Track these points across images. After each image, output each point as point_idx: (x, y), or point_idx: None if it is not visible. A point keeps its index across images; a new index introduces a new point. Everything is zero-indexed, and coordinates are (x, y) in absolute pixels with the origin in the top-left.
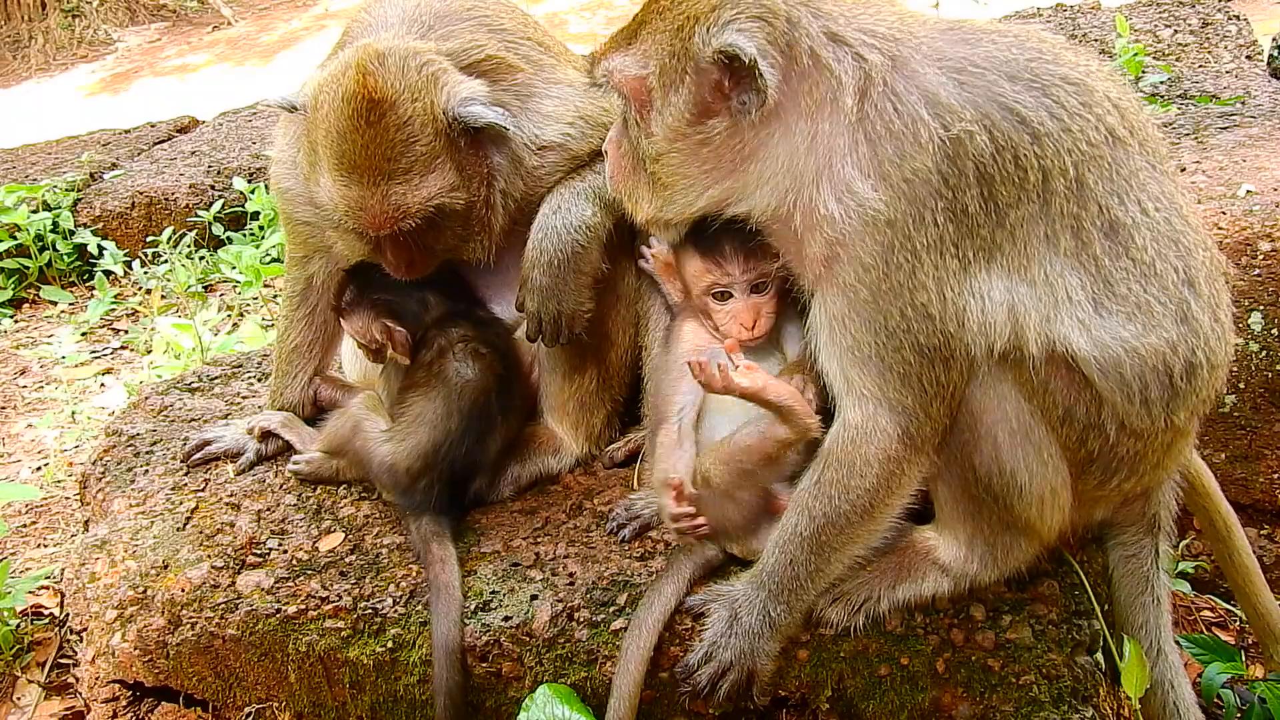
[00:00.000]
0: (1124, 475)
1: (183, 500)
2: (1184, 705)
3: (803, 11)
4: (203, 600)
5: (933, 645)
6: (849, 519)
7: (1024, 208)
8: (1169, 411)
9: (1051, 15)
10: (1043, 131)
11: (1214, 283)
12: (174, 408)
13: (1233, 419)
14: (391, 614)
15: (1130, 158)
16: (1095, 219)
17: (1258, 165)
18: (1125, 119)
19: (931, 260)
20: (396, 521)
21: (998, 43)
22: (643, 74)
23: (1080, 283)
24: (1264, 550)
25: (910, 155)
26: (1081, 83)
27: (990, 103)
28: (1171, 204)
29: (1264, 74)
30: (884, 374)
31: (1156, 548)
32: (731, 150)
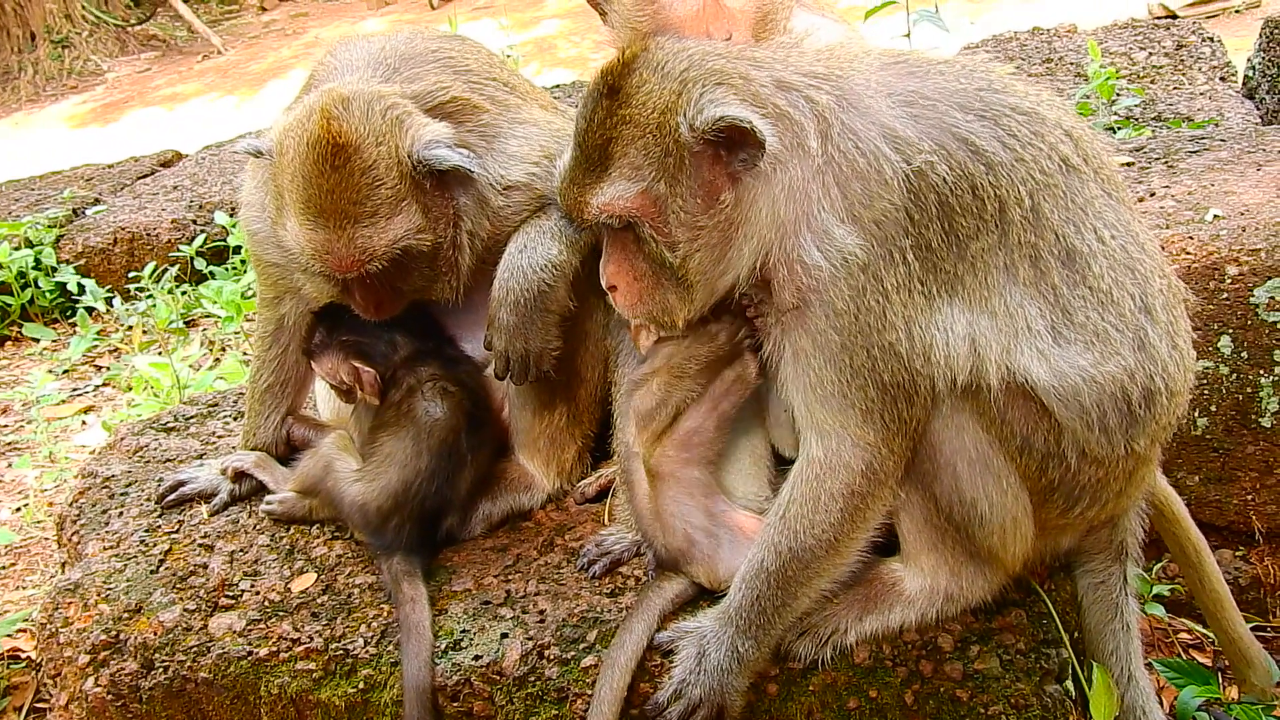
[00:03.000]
0: (1087, 503)
1: (156, 542)
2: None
3: (746, 67)
4: (175, 644)
5: (901, 677)
6: (814, 554)
7: (983, 238)
8: (1129, 439)
9: (1028, 39)
10: (997, 161)
11: (1171, 309)
12: (149, 448)
13: (1204, 442)
14: (363, 654)
15: (1085, 185)
16: (1052, 247)
17: (1226, 189)
18: (1079, 147)
19: (900, 299)
20: (369, 561)
21: (945, 74)
22: (642, 186)
23: (1039, 311)
24: (1239, 572)
25: (878, 194)
26: (1033, 112)
27: (944, 133)
28: (1128, 231)
29: (1237, 96)
30: (848, 411)
31: (1124, 574)
32: (740, 218)
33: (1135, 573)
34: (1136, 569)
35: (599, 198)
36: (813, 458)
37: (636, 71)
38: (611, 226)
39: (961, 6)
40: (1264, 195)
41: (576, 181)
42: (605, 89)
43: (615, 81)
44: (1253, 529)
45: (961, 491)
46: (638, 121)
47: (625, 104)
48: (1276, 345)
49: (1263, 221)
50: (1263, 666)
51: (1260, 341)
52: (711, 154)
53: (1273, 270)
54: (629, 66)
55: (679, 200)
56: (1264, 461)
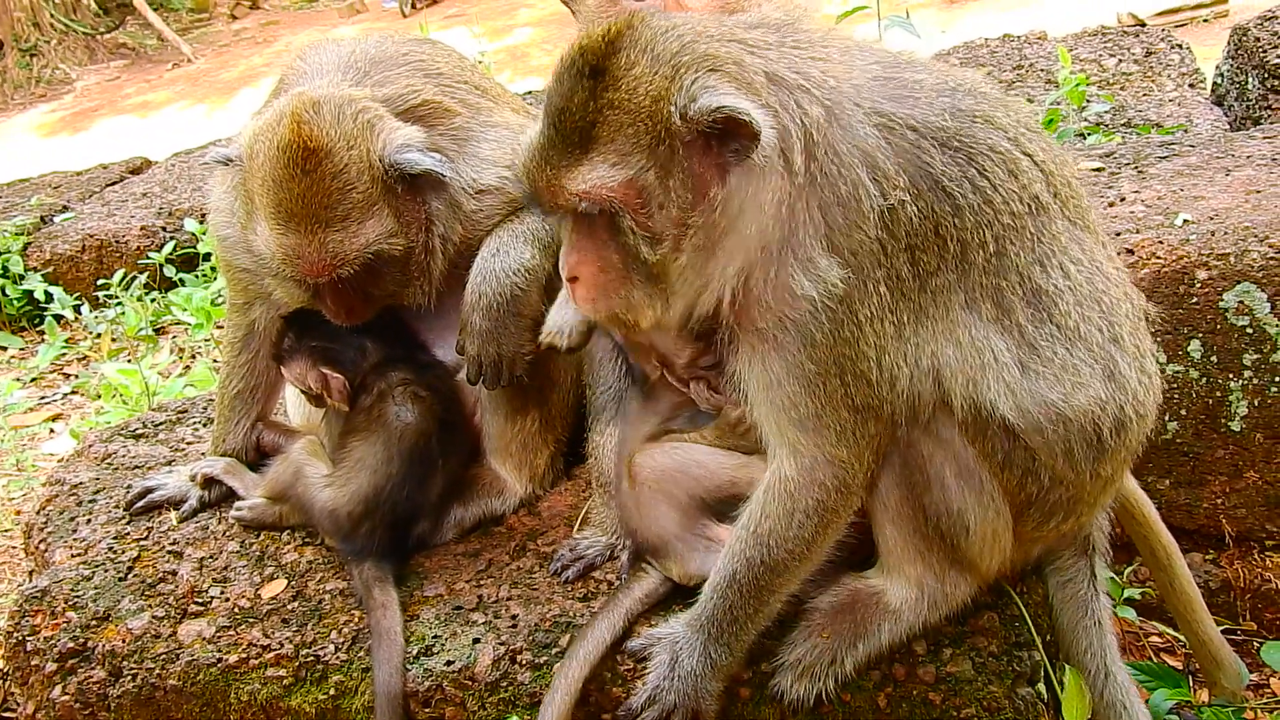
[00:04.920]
0: (1060, 518)
1: (125, 549)
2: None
3: (740, 51)
4: (144, 651)
5: (874, 680)
6: (787, 565)
7: (942, 276)
8: (1094, 466)
9: (998, 46)
10: (964, 205)
11: (1137, 335)
12: (118, 455)
13: (1175, 446)
14: (334, 661)
15: (1052, 222)
16: (1016, 287)
17: (1195, 194)
18: (1050, 181)
19: (873, 329)
20: (340, 567)
21: (933, 104)
22: (629, 174)
23: (1006, 346)
24: (1209, 575)
25: (856, 225)
26: (1007, 153)
27: (919, 171)
28: (1092, 262)
29: (1206, 102)
30: (821, 432)
31: (1093, 569)
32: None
33: (1104, 568)
34: (1105, 563)
35: (578, 183)
36: (786, 475)
37: (623, 51)
38: (584, 213)
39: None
40: (1232, 200)
41: (551, 162)
42: (588, 69)
43: (599, 62)
44: (1223, 532)
45: (949, 503)
46: (626, 107)
47: (612, 87)
48: (1245, 349)
49: (1231, 226)
50: (1232, 669)
51: (1229, 345)
52: (702, 144)
53: (1241, 274)
54: (614, 45)
55: (668, 193)
56: (1233, 465)
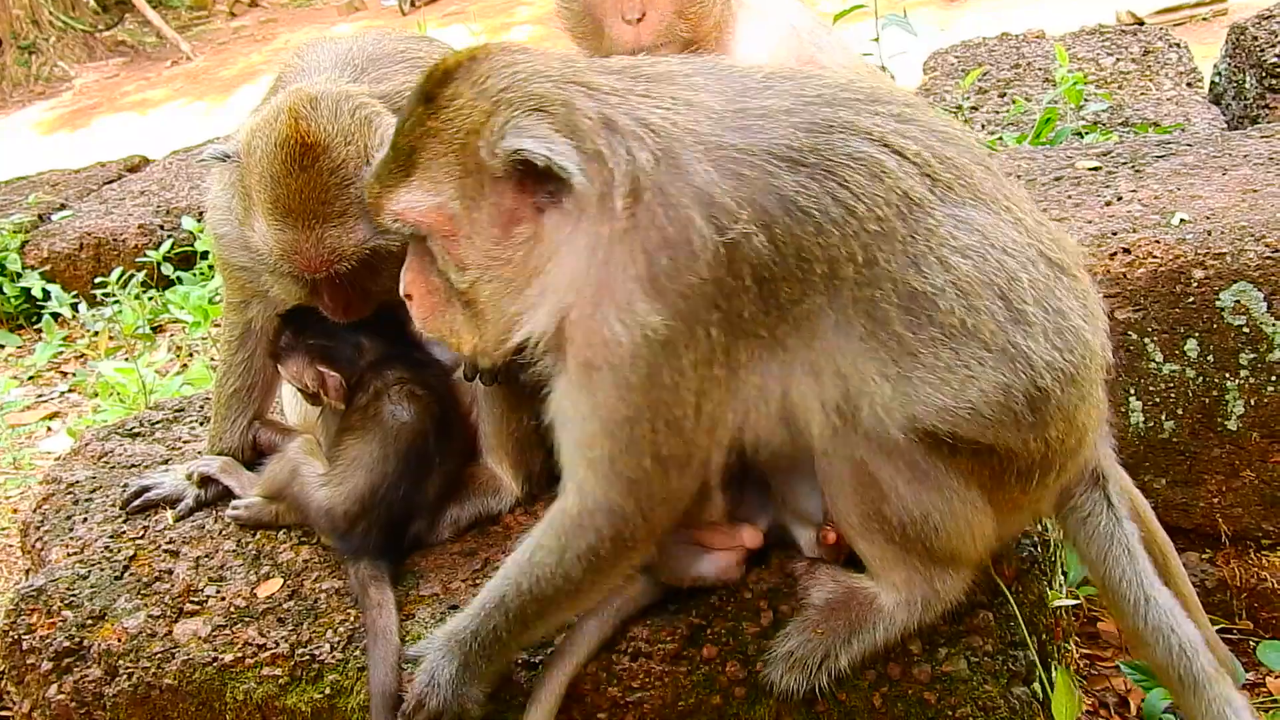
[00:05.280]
0: (1041, 474)
1: (121, 548)
2: (1189, 646)
3: (576, 93)
4: (139, 650)
5: (869, 680)
6: (555, 600)
7: (810, 301)
8: (1040, 434)
9: (996, 44)
10: (827, 221)
11: (1049, 298)
12: (114, 454)
13: (1171, 445)
14: (329, 660)
15: (929, 215)
16: (890, 295)
17: (1192, 194)
18: (927, 170)
19: (698, 374)
20: (336, 566)
21: (781, 127)
22: (438, 201)
23: (879, 365)
24: (1205, 574)
25: (685, 268)
26: (869, 157)
27: (769, 196)
28: (985, 241)
29: (1203, 101)
30: (612, 478)
31: (1108, 499)
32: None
33: (1120, 495)
34: (1120, 490)
35: (394, 203)
36: (565, 510)
37: (454, 82)
38: (413, 234)
39: (932, 12)
40: (1229, 200)
41: (380, 180)
42: (422, 95)
43: (431, 89)
44: (1219, 531)
45: (909, 510)
46: (443, 137)
47: (435, 114)
48: (1242, 348)
49: (1228, 225)
50: (1228, 668)
51: (1226, 345)
52: (516, 182)
53: (1238, 274)
54: (448, 75)
55: (474, 224)
56: (1230, 464)
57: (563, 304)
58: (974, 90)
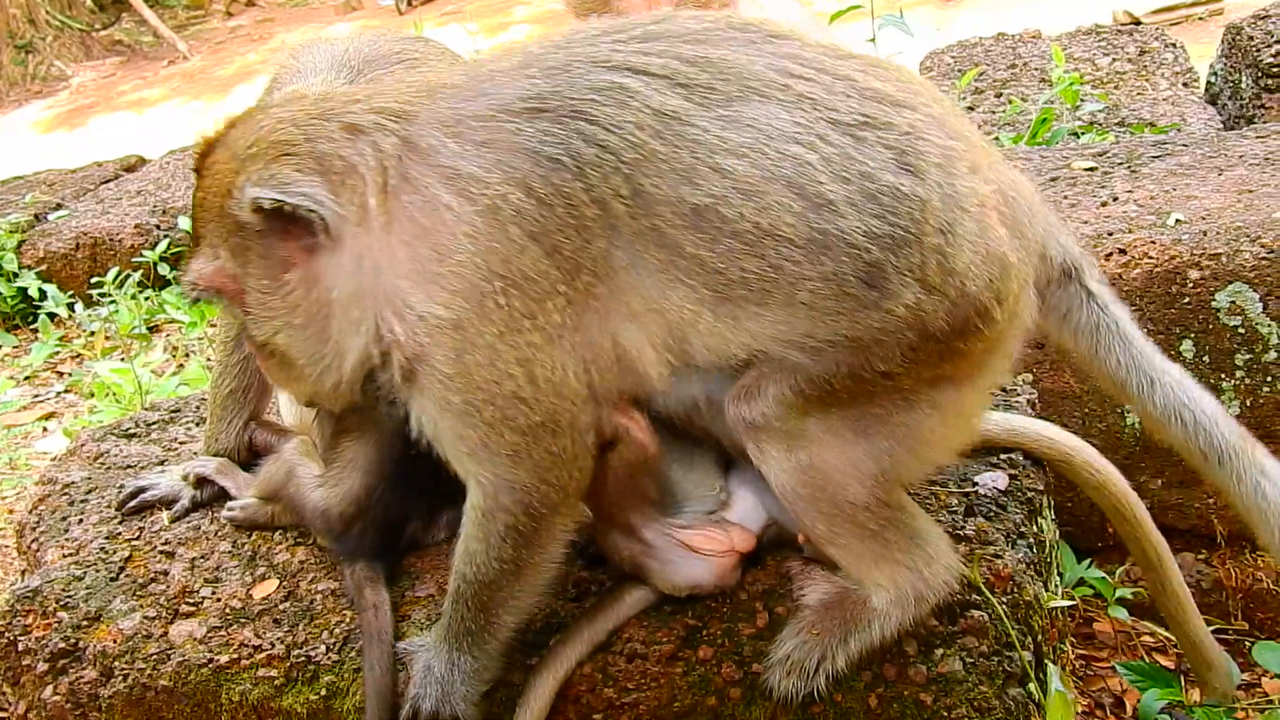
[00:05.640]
0: (963, 332)
1: (117, 549)
2: (1207, 419)
3: (315, 124)
4: (135, 651)
5: (865, 681)
6: (501, 582)
7: (595, 245)
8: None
9: (993, 45)
10: (581, 162)
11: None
12: (110, 454)
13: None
14: (325, 661)
15: (691, 124)
16: (672, 220)
17: (1188, 194)
18: (680, 79)
19: (510, 344)
20: (332, 567)
21: (514, 83)
22: (218, 265)
23: (687, 294)
24: (1201, 575)
25: (449, 249)
26: (611, 85)
27: (516, 154)
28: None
29: (1199, 101)
30: (493, 459)
31: (1085, 288)
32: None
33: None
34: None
35: (188, 275)
36: (474, 503)
37: (215, 150)
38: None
39: (929, 12)
40: (1225, 200)
41: (186, 251)
42: (194, 167)
43: (198, 162)
44: (1214, 532)
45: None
46: (207, 204)
47: (201, 184)
48: (1238, 349)
49: (1223, 226)
50: (1223, 669)
51: (1221, 345)
52: (280, 231)
53: (1233, 274)
54: (210, 145)
55: (253, 280)
56: None
57: (365, 325)
58: (970, 90)
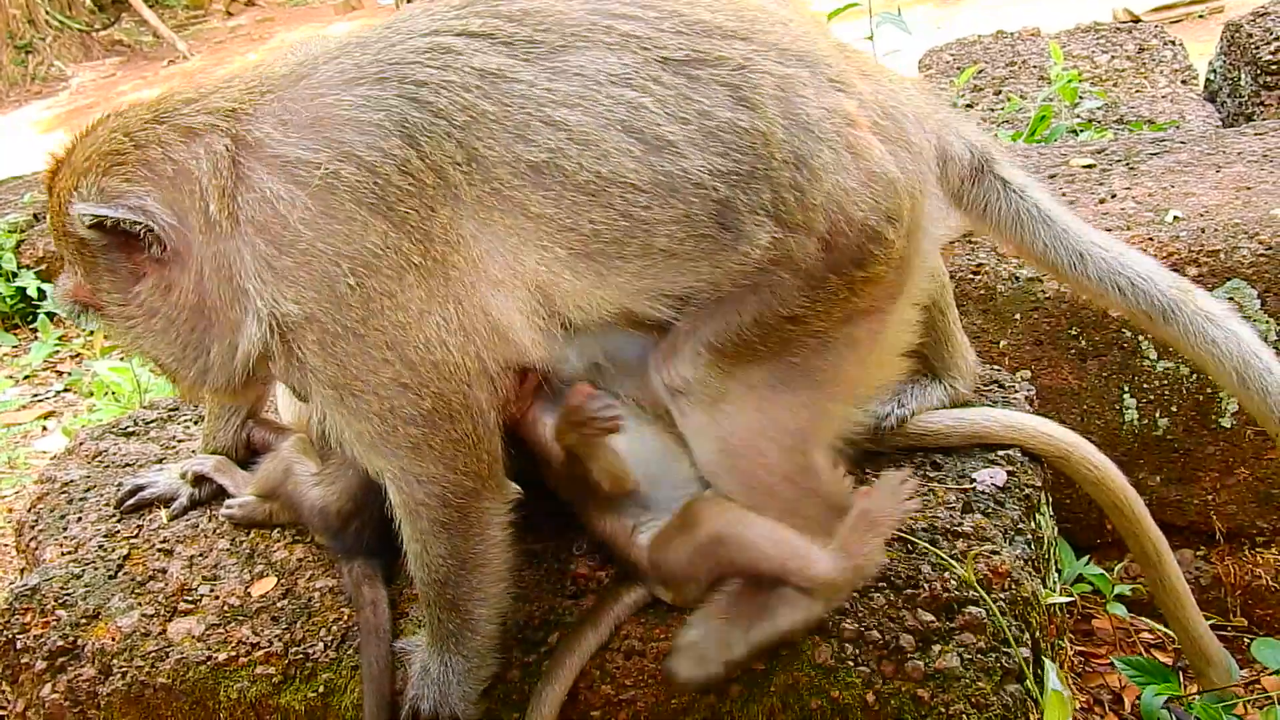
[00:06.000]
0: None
1: (115, 547)
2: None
3: (148, 130)
4: (133, 649)
5: (862, 677)
6: (453, 579)
7: (441, 214)
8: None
9: (991, 42)
10: (412, 129)
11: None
12: (109, 453)
13: (1165, 442)
14: (323, 659)
15: (516, 80)
16: (511, 180)
17: (1186, 191)
18: (500, 36)
19: (374, 329)
20: (330, 564)
21: (335, 53)
22: (76, 281)
23: (543, 254)
24: (1200, 572)
25: (289, 241)
26: (433, 45)
27: (343, 130)
28: (588, 81)
29: (1198, 99)
30: (395, 454)
31: (1000, 178)
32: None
33: (1009, 165)
34: (1006, 157)
35: (58, 290)
36: (394, 501)
37: (61, 166)
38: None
39: (929, 10)
40: (1223, 197)
41: None
42: (45, 186)
43: (47, 181)
44: (1213, 529)
45: (776, 461)
46: (56, 222)
47: (50, 203)
48: None
49: (1221, 223)
50: (1222, 664)
51: None
52: (122, 243)
53: (1231, 271)
54: (58, 164)
55: (104, 293)
56: (1224, 462)
57: (235, 328)
58: (969, 88)
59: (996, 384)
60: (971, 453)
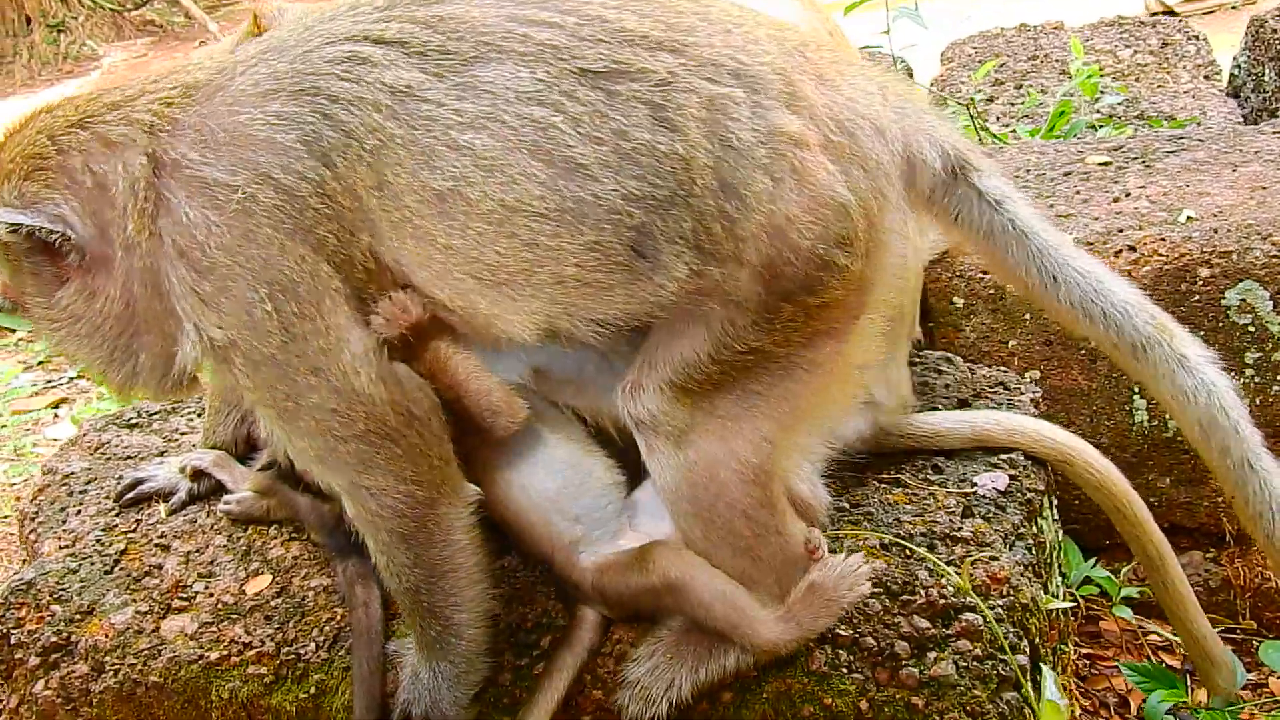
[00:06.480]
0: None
1: (113, 542)
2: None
3: (67, 136)
4: (126, 646)
5: (856, 684)
6: (426, 588)
7: (361, 239)
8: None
9: (1014, 35)
10: (325, 145)
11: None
12: (111, 444)
13: (1176, 443)
14: (315, 659)
15: (425, 98)
16: (419, 209)
17: (1200, 190)
18: (416, 44)
19: (295, 355)
20: (325, 563)
21: (257, 64)
22: (5, 279)
23: (456, 285)
24: (1209, 574)
25: (207, 267)
26: (349, 55)
27: (260, 150)
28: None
29: (1220, 95)
30: (340, 469)
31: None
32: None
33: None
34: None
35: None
36: (350, 515)
37: None
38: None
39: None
40: (1237, 197)
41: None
42: None
43: None
44: (1223, 530)
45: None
46: None
47: None
48: (1247, 347)
49: (1235, 224)
50: (1227, 667)
51: (1231, 344)
52: (44, 248)
53: (1243, 272)
54: None
55: (28, 296)
56: None
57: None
58: (990, 82)
59: (1002, 385)
60: (974, 456)
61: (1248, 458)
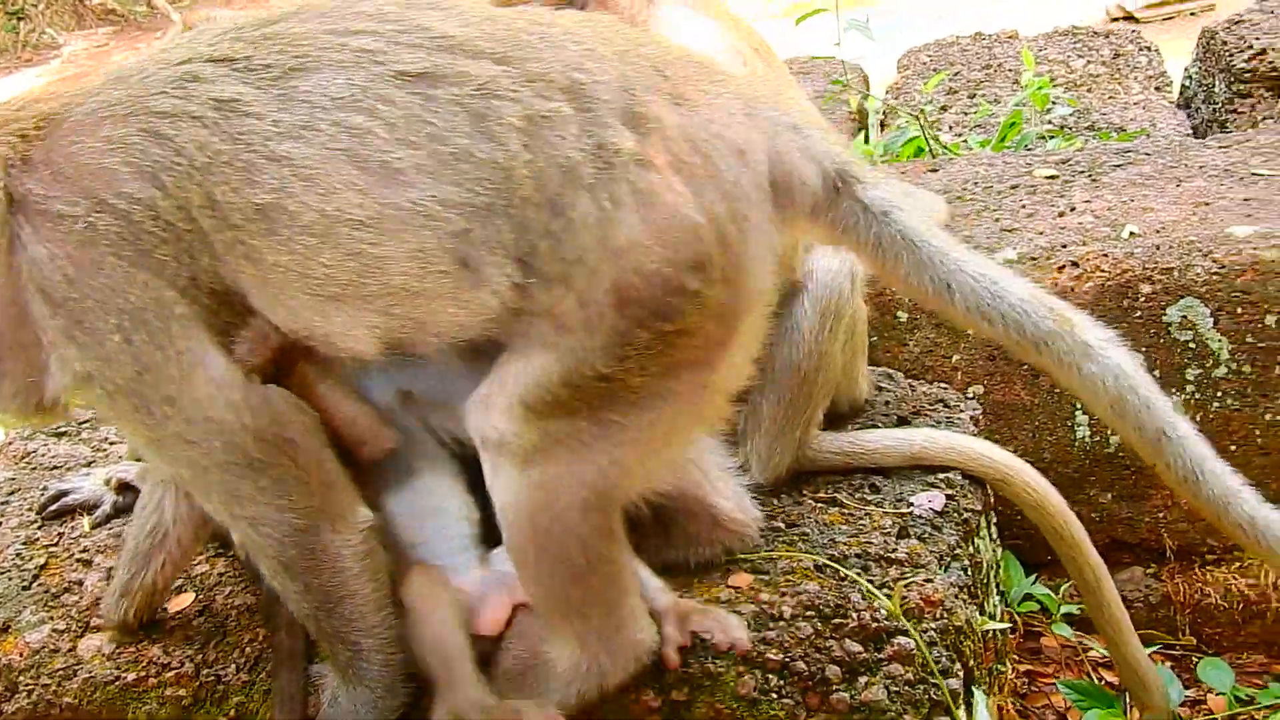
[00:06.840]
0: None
1: (33, 556)
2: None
3: None
4: (41, 666)
5: (786, 709)
6: (325, 613)
7: (201, 261)
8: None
9: (969, 44)
10: (153, 163)
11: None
12: (38, 454)
13: (1117, 459)
14: (235, 681)
15: (248, 112)
16: (246, 225)
17: (1145, 205)
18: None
19: (148, 385)
20: (251, 580)
21: (109, 86)
22: None
23: (291, 303)
24: (1150, 590)
25: (59, 301)
26: (182, 74)
27: (94, 177)
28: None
29: (1170, 106)
30: (216, 499)
31: (859, 200)
32: None
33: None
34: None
35: None
36: (235, 542)
37: None
38: None
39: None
40: (1180, 213)
41: None
42: None
43: None
44: (1164, 546)
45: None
46: None
47: None
48: (1188, 364)
49: (1177, 240)
50: (1160, 690)
51: (1172, 360)
52: None
53: (1184, 289)
54: None
55: None
56: None
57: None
58: (944, 91)
59: (942, 403)
60: (911, 475)
61: (1163, 428)
